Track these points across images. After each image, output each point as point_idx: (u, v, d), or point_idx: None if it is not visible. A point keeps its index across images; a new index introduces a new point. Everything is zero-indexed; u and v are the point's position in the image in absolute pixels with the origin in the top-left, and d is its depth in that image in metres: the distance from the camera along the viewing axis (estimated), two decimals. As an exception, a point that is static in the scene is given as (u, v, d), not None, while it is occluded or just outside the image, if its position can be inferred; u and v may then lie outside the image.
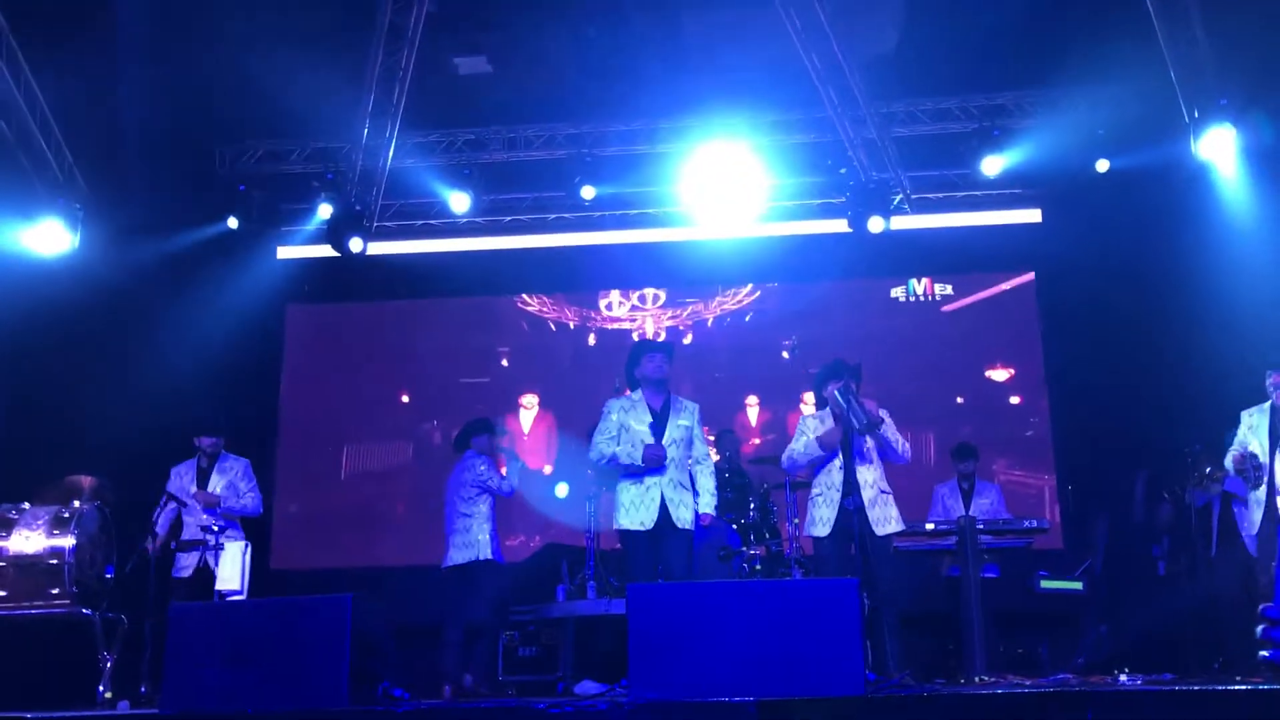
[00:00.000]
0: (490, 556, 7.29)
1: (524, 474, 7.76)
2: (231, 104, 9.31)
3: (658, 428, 6.14)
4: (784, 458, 6.63)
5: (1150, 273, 9.19)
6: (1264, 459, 6.43)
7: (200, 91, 9.01)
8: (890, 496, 6.28)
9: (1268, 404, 6.52)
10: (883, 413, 6.26)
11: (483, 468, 7.40)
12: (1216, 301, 8.39)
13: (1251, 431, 6.54)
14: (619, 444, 6.14)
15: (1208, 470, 7.07)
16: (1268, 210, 8.36)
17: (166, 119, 8.88)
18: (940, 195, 10.09)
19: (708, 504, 6.21)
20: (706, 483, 6.24)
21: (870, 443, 6.23)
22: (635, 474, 6.10)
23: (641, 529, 6.01)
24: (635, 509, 6.04)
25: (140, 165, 9.08)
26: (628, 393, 6.35)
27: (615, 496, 6.21)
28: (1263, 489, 6.44)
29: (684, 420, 6.22)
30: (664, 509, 6.03)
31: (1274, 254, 8.18)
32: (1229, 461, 6.52)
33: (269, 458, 10.07)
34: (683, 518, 6.06)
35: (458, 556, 7.34)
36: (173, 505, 6.98)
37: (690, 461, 6.26)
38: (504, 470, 7.58)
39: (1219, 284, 8.36)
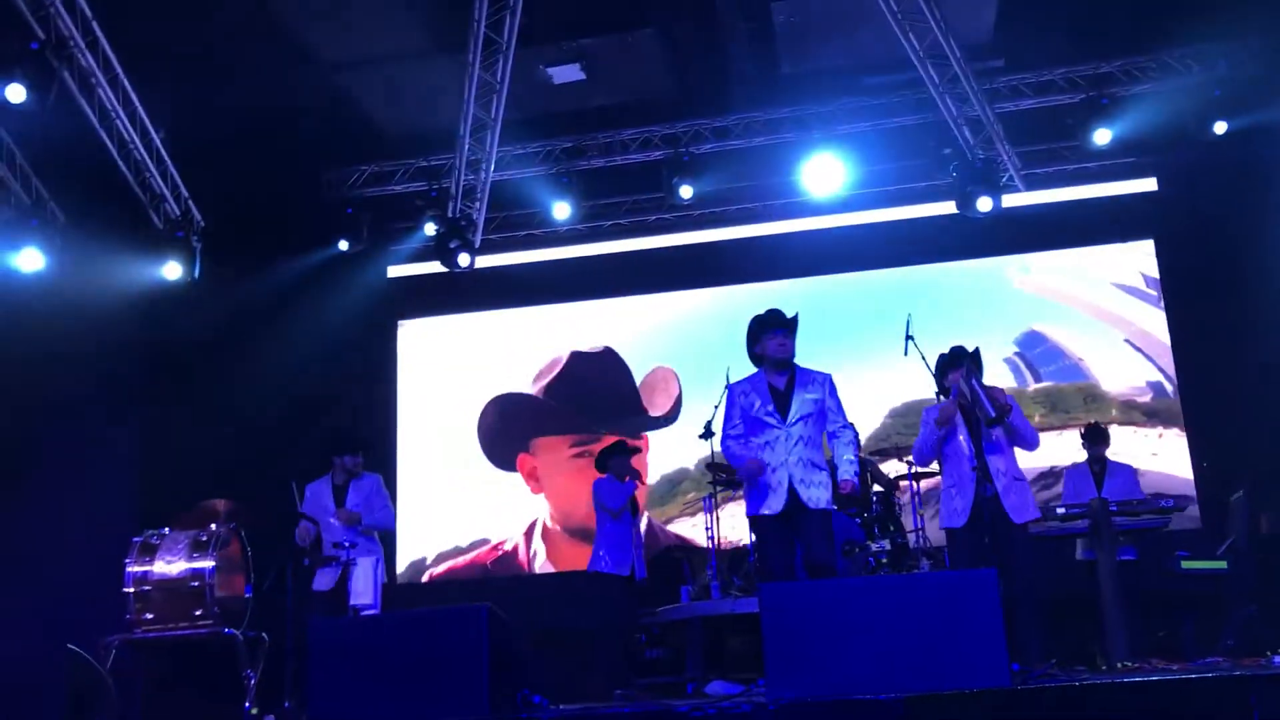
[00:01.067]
0: (597, 568, 7.75)
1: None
2: (334, 129, 9.52)
3: (782, 407, 5.79)
4: (914, 452, 6.54)
5: (1276, 236, 8.81)
6: None
7: (303, 118, 9.23)
8: (1024, 483, 6.07)
9: None
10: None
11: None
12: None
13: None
14: (744, 437, 5.85)
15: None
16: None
17: (272, 148, 9.10)
18: (1051, 170, 9.83)
19: (847, 471, 5.78)
20: (844, 451, 5.83)
21: (1000, 432, 6.06)
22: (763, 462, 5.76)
23: (771, 514, 5.69)
24: (763, 494, 5.71)
25: (251, 195, 9.33)
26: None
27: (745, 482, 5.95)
28: None
29: (811, 394, 5.79)
30: (793, 491, 5.66)
31: None
32: None
33: (390, 472, 10.26)
34: (815, 498, 5.64)
35: (591, 565, 7.85)
36: (309, 524, 7.18)
37: (825, 433, 5.88)
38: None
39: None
